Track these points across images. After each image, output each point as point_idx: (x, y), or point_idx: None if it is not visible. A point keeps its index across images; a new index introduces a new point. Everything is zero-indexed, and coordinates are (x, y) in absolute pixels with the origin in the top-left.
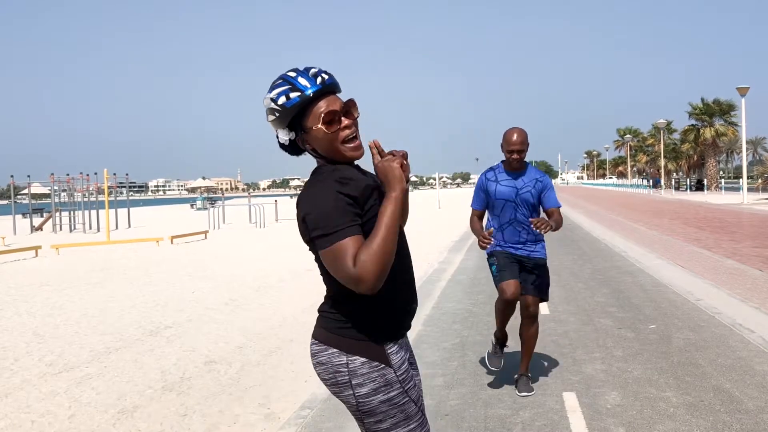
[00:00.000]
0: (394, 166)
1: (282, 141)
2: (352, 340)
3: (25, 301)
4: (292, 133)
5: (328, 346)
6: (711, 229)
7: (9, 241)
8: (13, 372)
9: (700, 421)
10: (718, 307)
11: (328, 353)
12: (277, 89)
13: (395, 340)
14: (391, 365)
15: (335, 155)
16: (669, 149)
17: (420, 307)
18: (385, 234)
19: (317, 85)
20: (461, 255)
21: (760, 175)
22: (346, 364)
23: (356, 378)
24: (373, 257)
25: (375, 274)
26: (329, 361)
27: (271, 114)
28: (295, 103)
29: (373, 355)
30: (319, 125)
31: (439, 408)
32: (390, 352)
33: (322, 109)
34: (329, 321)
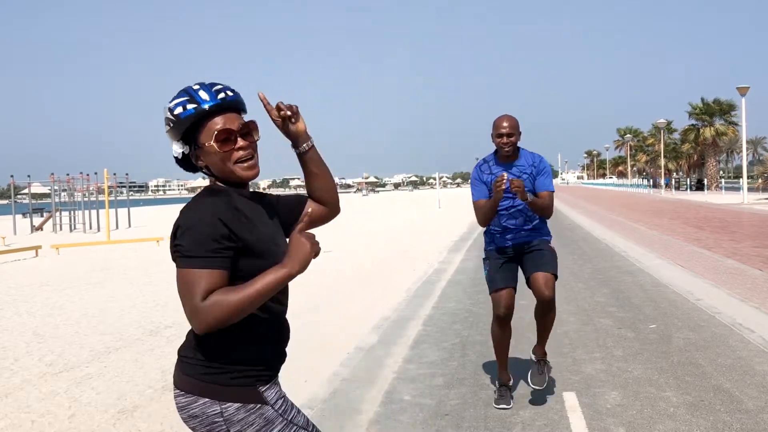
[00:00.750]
0: (308, 248)
1: (175, 154)
2: (221, 386)
3: (25, 301)
4: (186, 147)
5: (197, 396)
6: (711, 229)
7: (9, 240)
8: (13, 372)
9: (700, 421)
10: (718, 306)
11: (200, 404)
12: (176, 99)
13: (268, 381)
14: (267, 402)
15: (227, 175)
16: (669, 149)
17: (420, 307)
18: (252, 297)
19: (217, 100)
20: (461, 255)
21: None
22: (221, 413)
23: (234, 426)
24: (224, 309)
25: (214, 323)
26: (203, 413)
27: (166, 124)
28: (190, 114)
29: (247, 398)
30: (212, 142)
31: (439, 408)
32: (263, 390)
33: (217, 126)
34: (194, 367)
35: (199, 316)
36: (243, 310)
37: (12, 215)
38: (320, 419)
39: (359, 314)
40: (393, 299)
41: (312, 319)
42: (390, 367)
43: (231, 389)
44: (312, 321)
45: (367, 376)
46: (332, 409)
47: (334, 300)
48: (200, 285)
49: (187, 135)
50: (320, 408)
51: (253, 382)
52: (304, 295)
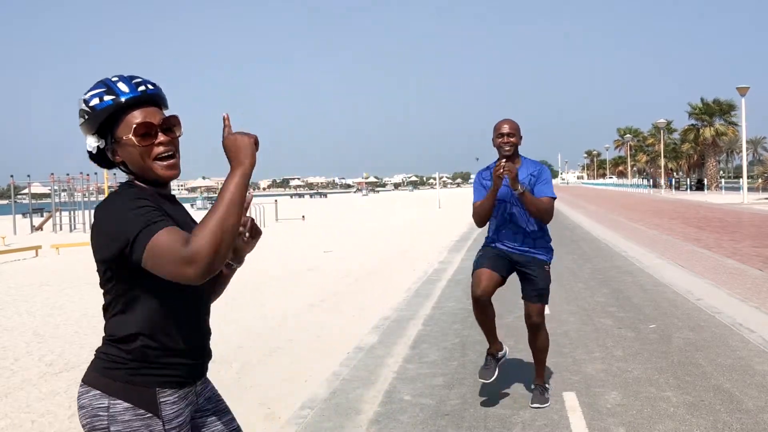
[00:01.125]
0: (246, 139)
1: (89, 148)
2: (118, 382)
3: (25, 301)
4: (101, 141)
5: (90, 387)
6: (711, 229)
7: (9, 240)
8: (14, 372)
9: (700, 421)
10: (718, 306)
11: (90, 395)
12: (92, 90)
13: (174, 387)
14: (160, 416)
15: (145, 172)
16: (669, 149)
17: (420, 307)
18: (227, 207)
19: (136, 92)
20: (461, 255)
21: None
22: (107, 407)
23: (115, 425)
24: (210, 232)
25: (211, 250)
26: (89, 404)
27: (80, 116)
28: (107, 106)
29: (140, 401)
30: (130, 136)
31: (439, 407)
32: (163, 401)
33: (137, 119)
34: (100, 362)
35: (196, 254)
36: (230, 224)
37: (12, 215)
38: (320, 419)
39: (359, 314)
40: (393, 299)
41: (312, 319)
42: (390, 366)
43: (126, 386)
44: (312, 321)
45: (367, 375)
46: (332, 408)
47: (334, 300)
48: (176, 238)
49: (103, 128)
50: (320, 408)
51: (152, 383)
52: (304, 294)
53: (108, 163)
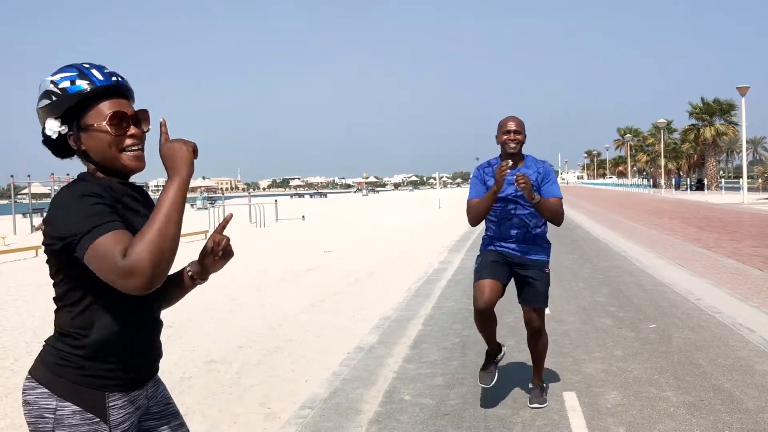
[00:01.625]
0: (183, 147)
1: (50, 133)
2: (68, 382)
3: (25, 301)
4: (64, 127)
5: (39, 384)
6: (711, 229)
7: (9, 240)
8: (14, 372)
9: (700, 421)
10: (718, 306)
11: (37, 392)
12: (62, 73)
13: (124, 391)
14: (107, 421)
15: (110, 162)
16: (669, 149)
17: (420, 307)
18: (165, 218)
19: (110, 80)
20: (461, 255)
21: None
22: (54, 409)
23: (61, 428)
24: (149, 244)
25: (151, 262)
26: (36, 402)
27: (45, 98)
28: (80, 90)
29: (88, 404)
30: (104, 123)
31: (439, 407)
32: (111, 405)
33: (111, 108)
34: (49, 356)
35: (134, 267)
36: (167, 235)
37: (12, 215)
38: (320, 419)
39: (359, 314)
40: (393, 299)
41: (312, 319)
42: (390, 366)
43: (76, 388)
44: (312, 321)
45: (367, 375)
46: (332, 408)
47: (334, 299)
48: (118, 246)
49: (68, 114)
50: (320, 408)
51: (101, 386)
52: (304, 294)
53: (61, 152)
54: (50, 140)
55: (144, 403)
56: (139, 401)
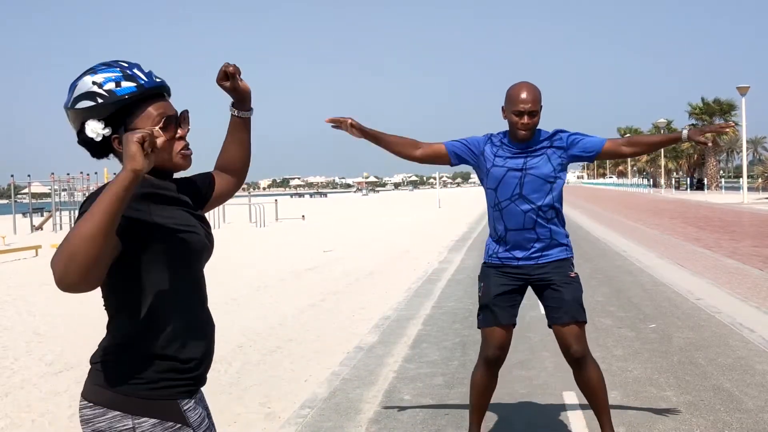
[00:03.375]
0: (130, 142)
1: (92, 135)
2: (137, 398)
3: (25, 301)
4: (108, 129)
5: (107, 408)
6: (711, 229)
7: (9, 240)
8: (14, 371)
9: (700, 421)
10: (718, 306)
11: (109, 417)
12: (104, 73)
13: (191, 393)
14: (190, 424)
15: (159, 164)
16: (669, 148)
17: (420, 307)
18: (86, 217)
19: (155, 82)
20: (461, 254)
21: (761, 175)
22: (133, 428)
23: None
24: (63, 242)
25: (59, 262)
26: (110, 427)
27: (88, 99)
28: (130, 92)
29: (166, 414)
30: (157, 128)
31: (439, 407)
32: (186, 409)
33: (160, 110)
34: (106, 376)
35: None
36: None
37: (12, 215)
38: (320, 418)
39: (359, 314)
40: (393, 298)
41: (312, 319)
42: (390, 366)
43: (148, 402)
44: (312, 321)
45: (367, 375)
46: (332, 408)
47: (334, 299)
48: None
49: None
50: (320, 407)
51: (174, 394)
52: (304, 294)
53: (99, 153)
54: (88, 140)
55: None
56: (201, 400)
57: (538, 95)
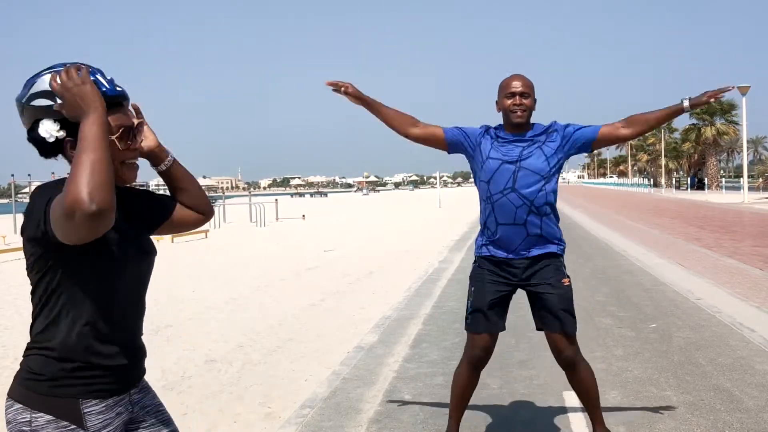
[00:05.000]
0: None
1: (45, 135)
2: (38, 394)
3: (25, 300)
4: (62, 132)
5: (14, 401)
6: (711, 228)
7: (9, 240)
8: (14, 371)
9: (700, 420)
10: (718, 306)
11: (13, 409)
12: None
13: (100, 397)
14: (85, 427)
15: None
16: (670, 148)
17: (420, 306)
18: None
19: (117, 91)
20: (461, 254)
21: (761, 175)
22: (30, 421)
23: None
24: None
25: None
26: (13, 419)
27: (45, 98)
28: None
29: (61, 412)
30: (112, 137)
31: (439, 407)
32: (87, 412)
33: (118, 120)
34: (23, 373)
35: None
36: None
37: (12, 214)
38: (320, 418)
39: (359, 313)
40: (393, 298)
41: (312, 319)
42: (390, 366)
43: (47, 399)
44: (312, 320)
45: (368, 375)
46: (332, 408)
47: (334, 299)
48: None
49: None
50: (320, 407)
51: (75, 394)
52: (304, 294)
53: (48, 152)
54: (39, 139)
55: (128, 408)
56: (120, 407)
57: (530, 83)
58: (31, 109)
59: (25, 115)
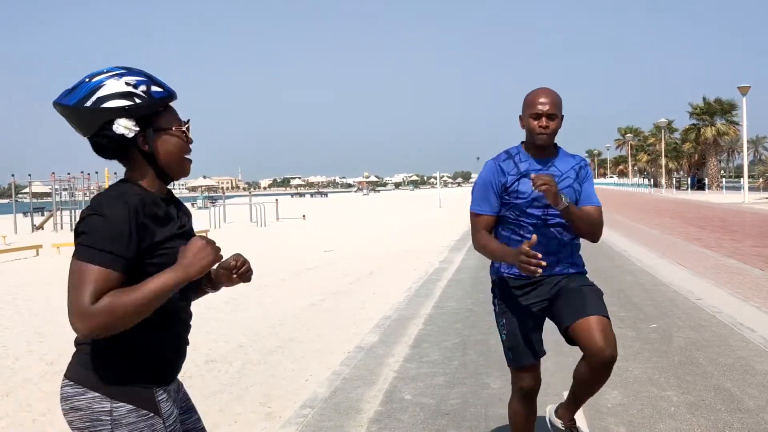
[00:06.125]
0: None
1: (124, 131)
2: (116, 384)
3: (26, 300)
4: (137, 128)
5: (87, 389)
6: (712, 229)
7: (10, 240)
8: (14, 371)
9: (700, 420)
10: (718, 306)
11: (88, 397)
12: (133, 76)
13: (165, 385)
14: (161, 414)
15: (176, 165)
16: (670, 148)
17: (421, 306)
18: (143, 302)
19: (170, 89)
20: (462, 254)
21: (761, 175)
22: (110, 411)
23: (120, 428)
24: (116, 313)
25: (99, 327)
26: (89, 407)
27: (123, 99)
28: (163, 97)
29: (142, 402)
30: (182, 128)
31: (439, 407)
32: (160, 399)
33: (178, 116)
34: (90, 359)
35: (87, 319)
36: (136, 314)
37: (13, 214)
38: (321, 418)
39: (360, 313)
40: (394, 298)
41: (312, 319)
42: (390, 366)
43: (128, 389)
44: (312, 320)
45: (368, 375)
46: (333, 408)
47: (334, 299)
48: (95, 284)
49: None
50: (321, 407)
51: (150, 382)
52: (305, 294)
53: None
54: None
55: (176, 396)
56: (174, 394)
57: (557, 100)
58: (104, 111)
59: (89, 117)
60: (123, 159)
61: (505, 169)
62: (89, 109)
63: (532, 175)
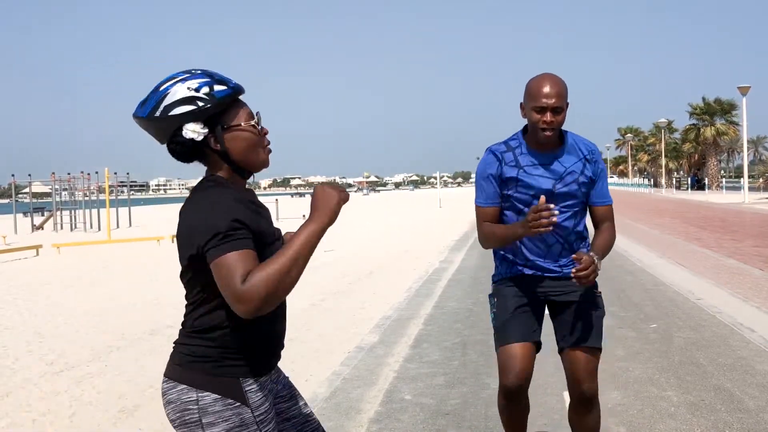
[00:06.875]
0: (336, 196)
1: (194, 135)
2: (203, 374)
3: (26, 300)
4: (206, 129)
5: (177, 382)
6: (712, 229)
7: (10, 240)
8: (14, 371)
9: (701, 421)
10: (718, 306)
11: (177, 390)
12: (195, 79)
13: (255, 376)
14: (248, 404)
15: (252, 159)
16: (670, 148)
17: (421, 306)
18: (293, 257)
19: (235, 83)
20: (462, 254)
21: (761, 175)
22: (196, 400)
23: (207, 416)
24: (268, 281)
25: (261, 299)
26: (178, 398)
27: (188, 104)
28: (227, 94)
29: (227, 391)
30: (251, 123)
31: (440, 407)
32: (248, 390)
33: (247, 110)
34: (182, 356)
35: (243, 298)
36: (289, 276)
37: (13, 214)
38: (321, 418)
39: (360, 313)
40: (394, 298)
41: (312, 318)
42: (391, 366)
43: (213, 378)
44: (313, 320)
45: (368, 375)
46: (333, 408)
47: (334, 299)
48: (238, 268)
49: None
50: (321, 407)
51: (237, 374)
52: (304, 293)
53: (189, 157)
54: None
55: (273, 387)
56: (269, 385)
57: (563, 89)
58: (172, 118)
59: (162, 127)
60: (202, 160)
61: (506, 163)
62: (159, 119)
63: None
